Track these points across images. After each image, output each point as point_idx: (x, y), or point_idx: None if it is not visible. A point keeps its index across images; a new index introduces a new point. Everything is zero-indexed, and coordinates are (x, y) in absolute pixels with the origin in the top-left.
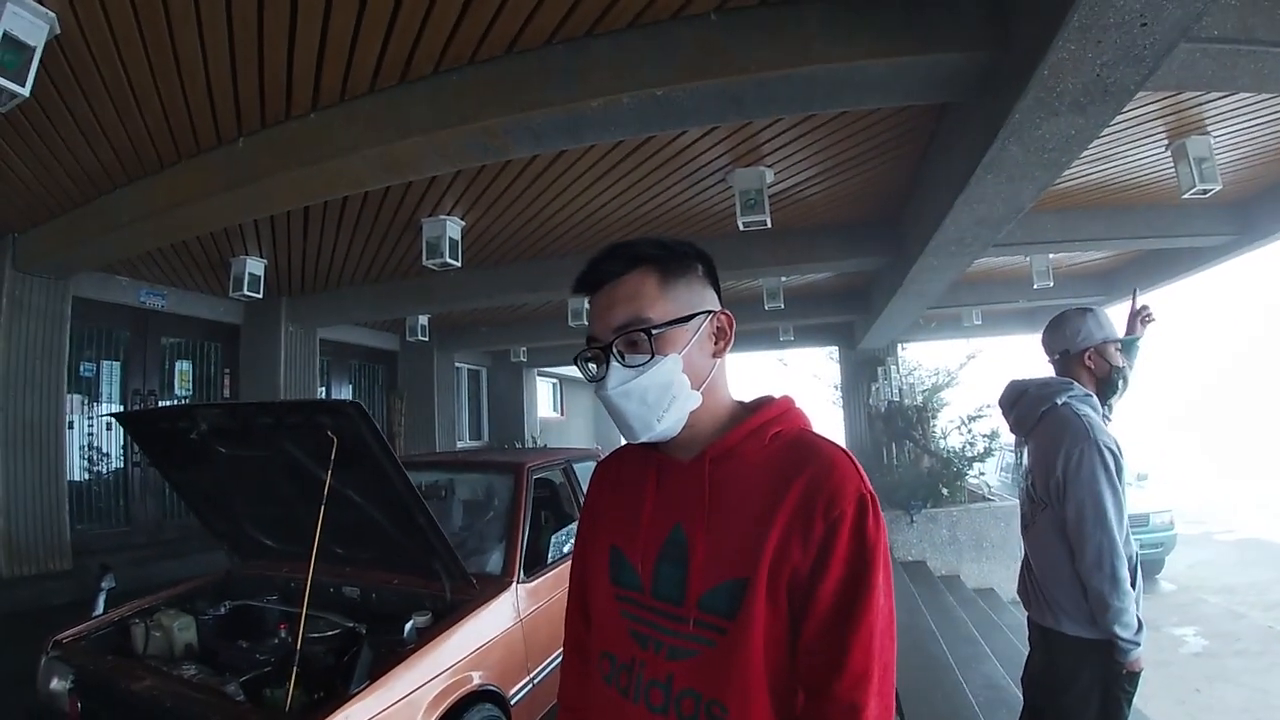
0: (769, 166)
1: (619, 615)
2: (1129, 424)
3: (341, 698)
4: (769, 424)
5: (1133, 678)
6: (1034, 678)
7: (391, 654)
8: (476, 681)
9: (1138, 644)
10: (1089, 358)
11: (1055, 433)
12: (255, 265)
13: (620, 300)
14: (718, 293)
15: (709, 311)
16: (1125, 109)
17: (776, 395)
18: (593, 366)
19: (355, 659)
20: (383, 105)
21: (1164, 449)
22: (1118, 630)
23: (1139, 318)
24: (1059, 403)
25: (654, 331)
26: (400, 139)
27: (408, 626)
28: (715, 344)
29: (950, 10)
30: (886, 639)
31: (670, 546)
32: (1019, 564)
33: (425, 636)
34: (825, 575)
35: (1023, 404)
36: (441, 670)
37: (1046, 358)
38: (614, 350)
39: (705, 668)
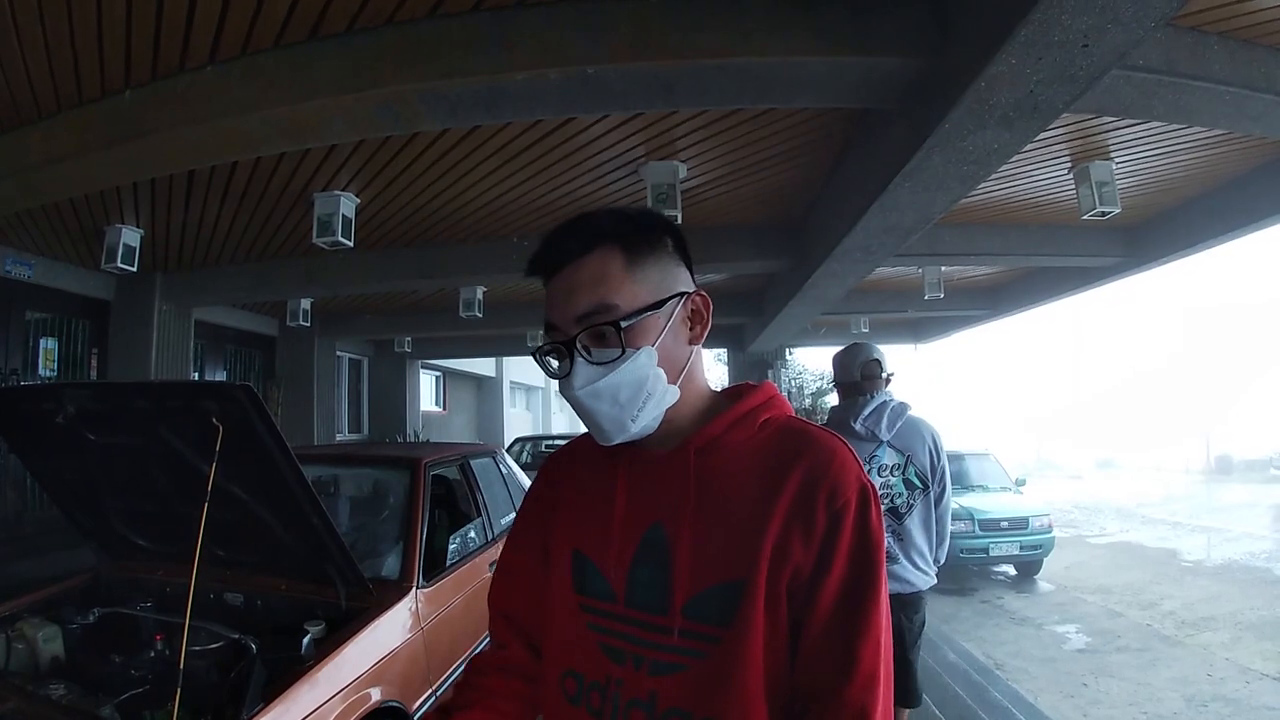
0: (683, 161)
1: (585, 628)
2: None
3: None
4: (757, 410)
5: None
6: (903, 640)
7: (287, 670)
8: (377, 698)
9: None
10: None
11: (921, 431)
12: (131, 235)
13: (581, 285)
14: (689, 269)
15: (682, 294)
16: None
17: (754, 382)
18: (554, 362)
19: (245, 676)
20: (287, 62)
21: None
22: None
23: None
24: (910, 409)
25: (623, 324)
26: (304, 100)
27: (305, 639)
28: (691, 329)
29: (893, 14)
30: (888, 635)
31: (648, 549)
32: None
33: (323, 649)
34: (829, 572)
35: (892, 413)
36: (341, 687)
37: (858, 378)
38: (578, 345)
39: (695, 683)
